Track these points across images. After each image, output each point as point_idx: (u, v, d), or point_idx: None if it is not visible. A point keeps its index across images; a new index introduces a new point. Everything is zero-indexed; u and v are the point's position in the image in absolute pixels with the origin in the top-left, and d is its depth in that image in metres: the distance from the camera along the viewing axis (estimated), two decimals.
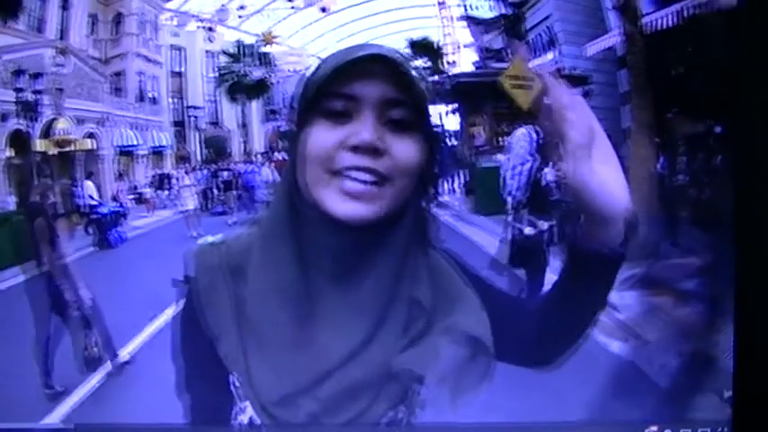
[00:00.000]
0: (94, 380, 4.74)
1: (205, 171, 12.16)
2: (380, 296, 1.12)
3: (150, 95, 13.18)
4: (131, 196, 10.93)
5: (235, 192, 11.27)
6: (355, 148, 0.99)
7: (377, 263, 1.11)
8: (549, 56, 10.05)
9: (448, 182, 11.54)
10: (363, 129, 1.00)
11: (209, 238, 1.21)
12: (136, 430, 1.23)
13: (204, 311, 1.18)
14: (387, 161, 1.01)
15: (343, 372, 1.11)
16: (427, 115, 1.07)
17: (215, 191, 11.66)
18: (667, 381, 3.96)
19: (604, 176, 1.02)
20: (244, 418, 1.16)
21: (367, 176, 1.01)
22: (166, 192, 11.93)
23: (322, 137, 1.01)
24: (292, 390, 1.12)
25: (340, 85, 1.04)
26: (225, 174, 11.65)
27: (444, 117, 12.50)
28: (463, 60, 11.69)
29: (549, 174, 4.56)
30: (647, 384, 4.02)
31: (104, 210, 9.55)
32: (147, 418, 1.30)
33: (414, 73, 1.03)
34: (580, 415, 1.38)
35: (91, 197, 10.15)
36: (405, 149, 1.03)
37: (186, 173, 11.09)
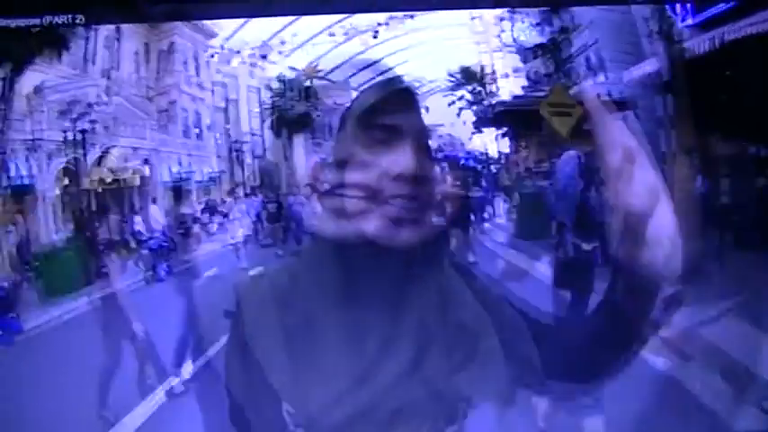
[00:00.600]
0: (148, 408, 4.86)
1: (256, 199, 12.20)
2: (426, 319, 1.16)
3: (195, 131, 13.41)
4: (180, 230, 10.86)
5: (281, 223, 11.32)
6: (398, 177, 1.07)
7: (410, 290, 1.16)
8: (591, 81, 10.08)
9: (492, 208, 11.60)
10: (404, 157, 1.07)
11: (252, 271, 1.31)
12: None
13: (253, 342, 1.21)
14: (425, 188, 1.07)
15: (394, 396, 1.13)
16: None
17: (264, 222, 11.64)
18: (709, 397, 4.03)
19: (646, 198, 1.00)
20: None
21: (411, 204, 1.08)
22: (216, 224, 12.09)
23: (366, 167, 1.10)
24: (345, 415, 1.13)
25: (378, 116, 1.11)
26: (272, 205, 11.70)
27: (489, 143, 12.57)
28: (504, 88, 11.79)
29: (594, 196, 4.62)
30: (691, 401, 4.08)
31: (153, 243, 9.68)
32: None
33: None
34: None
35: (155, 221, 10.49)
36: (435, 174, 1.14)
37: (234, 202, 11.36)
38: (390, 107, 1.12)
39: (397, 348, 1.14)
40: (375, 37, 12.58)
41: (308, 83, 13.29)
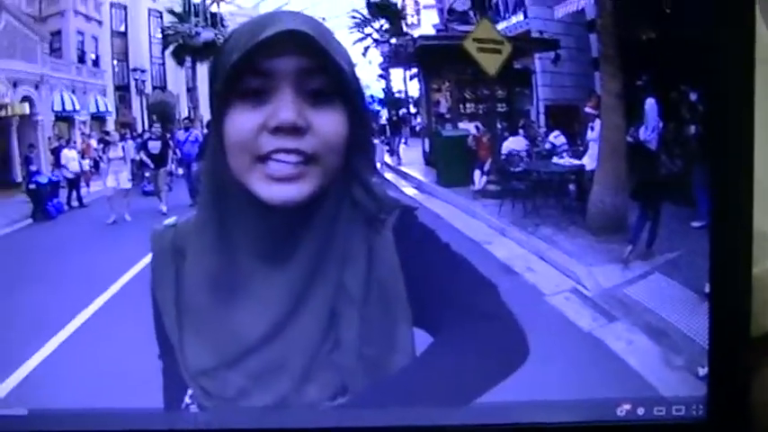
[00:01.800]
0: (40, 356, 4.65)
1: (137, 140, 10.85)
2: (305, 276, 1.16)
3: (92, 57, 12.89)
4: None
5: (166, 166, 9.95)
6: (276, 130, 1.04)
7: (304, 244, 1.16)
8: (515, 19, 10.06)
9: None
10: (282, 108, 1.03)
11: (169, 220, 1.26)
12: (100, 416, 1.26)
13: (155, 290, 1.28)
14: (311, 139, 1.06)
15: (266, 348, 1.16)
16: (350, 85, 1.08)
17: (143, 166, 10.13)
18: (636, 359, 4.06)
19: None
20: (188, 398, 1.22)
21: (292, 158, 1.08)
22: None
23: (241, 121, 1.08)
24: (216, 363, 1.18)
25: (252, 62, 1.07)
26: (154, 144, 10.10)
27: (406, 82, 12.44)
28: (425, 22, 11.63)
29: None
30: (616, 362, 4.10)
31: (43, 179, 9.15)
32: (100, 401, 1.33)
33: (328, 43, 1.04)
34: (550, 395, 1.41)
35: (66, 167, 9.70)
36: (328, 123, 1.05)
37: (112, 142, 9.88)
38: (265, 52, 1.08)
39: (271, 303, 1.17)
40: None
41: (214, 7, 12.87)
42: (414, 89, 12.63)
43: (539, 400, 1.45)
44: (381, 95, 13.10)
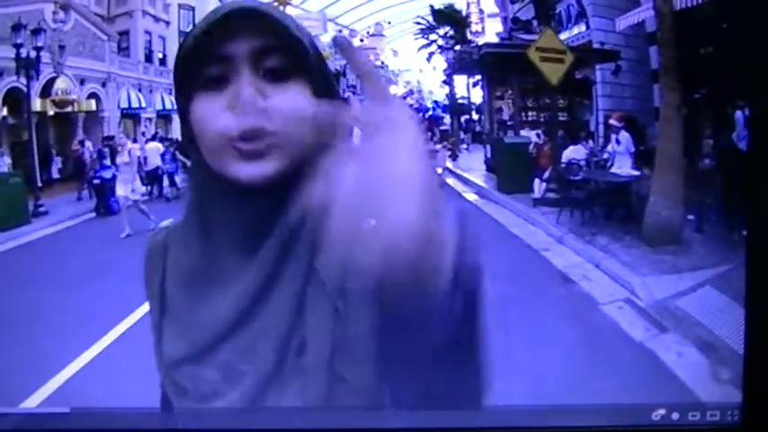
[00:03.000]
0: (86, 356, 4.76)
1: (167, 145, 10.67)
2: (275, 259, 1.11)
3: (159, 56, 13.09)
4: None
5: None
6: (239, 112, 0.98)
7: (277, 226, 1.11)
8: (577, 29, 10.00)
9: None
10: (242, 89, 1.02)
11: (165, 222, 1.27)
12: (141, 415, 1.27)
13: (146, 289, 1.22)
14: (274, 117, 1.05)
15: (237, 336, 1.12)
16: (310, 62, 1.09)
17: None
18: (685, 371, 4.08)
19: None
20: None
21: (258, 134, 1.03)
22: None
23: (204, 108, 1.05)
24: (187, 353, 1.15)
25: (209, 48, 1.04)
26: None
27: (469, 89, 12.43)
28: (489, 30, 11.63)
29: None
30: (664, 371, 4.13)
31: (107, 174, 9.29)
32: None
33: (284, 19, 1.06)
34: (592, 399, 1.43)
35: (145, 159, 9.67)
36: (290, 100, 1.04)
37: (122, 145, 8.90)
38: (221, 36, 1.04)
39: (240, 287, 1.12)
40: None
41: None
42: (477, 96, 12.63)
43: (573, 404, 1.49)
44: (445, 101, 13.09)
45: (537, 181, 8.44)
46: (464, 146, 11.86)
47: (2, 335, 4.69)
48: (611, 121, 8.19)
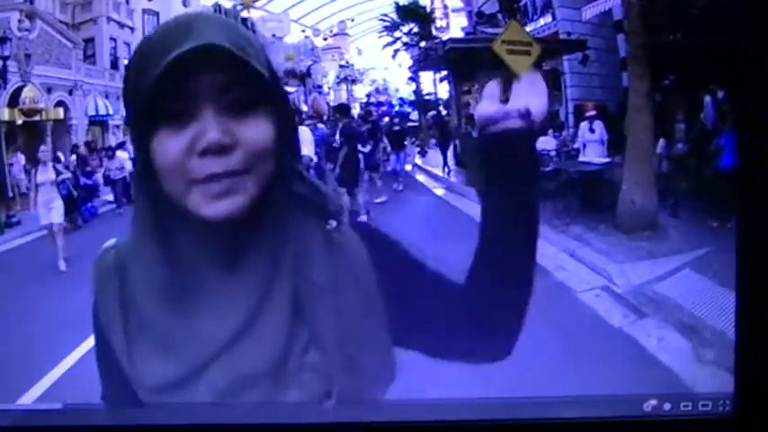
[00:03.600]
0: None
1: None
2: (261, 280, 1.12)
3: (124, 62, 12.93)
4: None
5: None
6: (204, 152, 1.00)
7: (255, 250, 1.12)
8: (543, 20, 10.01)
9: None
10: (207, 128, 1.00)
11: (108, 242, 1.22)
12: (133, 411, 1.24)
13: (98, 315, 1.20)
14: (239, 153, 1.03)
15: (231, 355, 1.11)
16: (272, 90, 1.08)
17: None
18: (666, 355, 4.06)
19: None
20: None
21: (225, 176, 1.02)
22: None
23: (168, 147, 1.02)
24: (177, 377, 1.12)
25: (170, 83, 1.00)
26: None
27: (435, 85, 12.41)
28: (454, 25, 11.60)
29: None
30: (646, 359, 4.11)
31: (89, 181, 9.39)
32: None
33: (245, 52, 1.01)
34: (579, 390, 1.40)
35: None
36: (255, 133, 1.00)
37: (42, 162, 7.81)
38: (180, 68, 0.99)
39: (227, 308, 1.11)
40: None
41: (244, 13, 12.95)
42: (443, 92, 12.63)
43: (564, 396, 1.45)
44: (412, 98, 13.08)
45: None
46: (432, 141, 11.84)
47: None
48: (589, 113, 8.23)
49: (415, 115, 12.60)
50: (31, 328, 4.96)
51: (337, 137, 8.62)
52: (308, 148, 7.65)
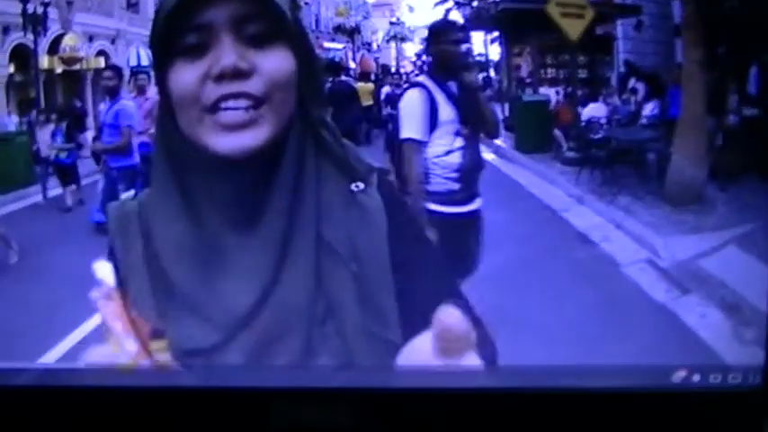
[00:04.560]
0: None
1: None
2: (280, 233, 1.10)
3: None
4: None
5: None
6: (220, 77, 1.03)
7: (273, 199, 1.10)
8: None
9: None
10: (223, 54, 1.03)
11: (127, 194, 1.25)
12: (154, 372, 1.24)
13: (116, 255, 1.20)
14: (256, 80, 1.05)
15: (258, 318, 1.10)
16: (291, 28, 1.10)
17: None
18: (706, 332, 4.06)
19: None
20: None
21: (241, 102, 1.04)
22: None
23: (184, 75, 1.05)
24: (209, 343, 1.11)
25: (189, 15, 1.03)
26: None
27: (486, 46, 12.27)
28: None
29: None
30: (684, 334, 4.12)
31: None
32: None
33: None
34: (613, 360, 1.42)
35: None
36: (273, 63, 1.02)
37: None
38: (200, 3, 1.03)
39: (250, 269, 1.11)
40: None
41: None
42: (495, 53, 12.46)
43: (591, 364, 1.49)
44: None
45: (558, 133, 8.36)
46: None
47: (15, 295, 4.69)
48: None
49: None
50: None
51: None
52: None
